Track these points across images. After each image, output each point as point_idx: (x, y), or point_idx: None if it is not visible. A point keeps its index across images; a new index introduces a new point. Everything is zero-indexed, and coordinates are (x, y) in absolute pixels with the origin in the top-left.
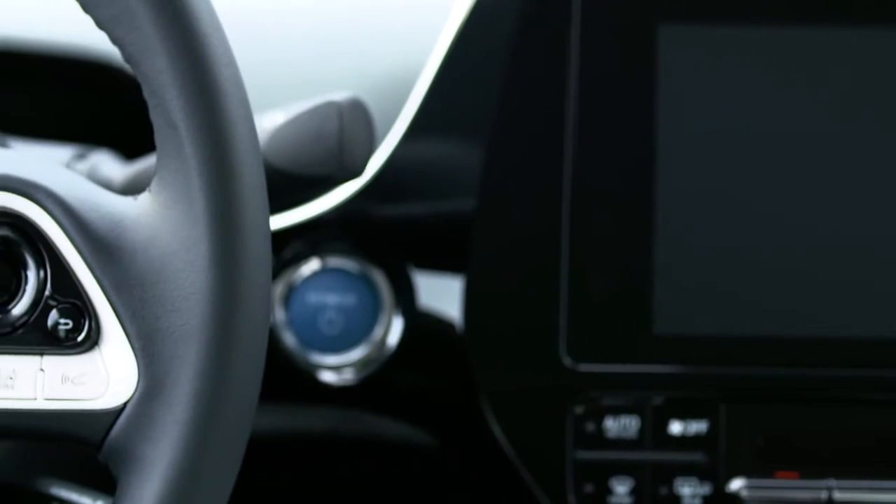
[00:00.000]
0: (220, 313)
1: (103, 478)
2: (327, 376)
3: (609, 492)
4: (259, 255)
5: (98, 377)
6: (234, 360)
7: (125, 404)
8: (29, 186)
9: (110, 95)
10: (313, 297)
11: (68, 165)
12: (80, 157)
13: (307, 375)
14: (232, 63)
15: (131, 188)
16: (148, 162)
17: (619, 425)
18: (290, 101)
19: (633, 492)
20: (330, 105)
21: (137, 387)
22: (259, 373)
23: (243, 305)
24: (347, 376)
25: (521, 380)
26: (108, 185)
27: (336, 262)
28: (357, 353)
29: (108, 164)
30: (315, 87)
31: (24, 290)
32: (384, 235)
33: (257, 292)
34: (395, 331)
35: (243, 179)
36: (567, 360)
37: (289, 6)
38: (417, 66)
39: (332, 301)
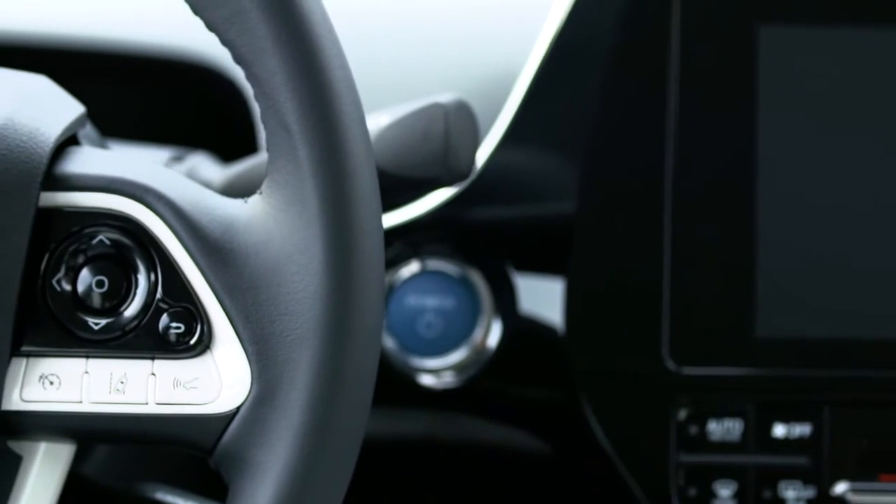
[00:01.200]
0: (335, 316)
1: (203, 481)
2: (426, 380)
3: (713, 495)
4: (373, 258)
5: (210, 381)
6: (349, 364)
7: (238, 409)
8: (139, 189)
9: (200, 97)
10: (412, 300)
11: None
12: (178, 159)
13: (406, 379)
14: (344, 65)
15: (231, 191)
16: (247, 164)
17: (723, 428)
18: (386, 103)
19: (737, 495)
20: (436, 107)
21: (251, 391)
22: (372, 376)
23: (358, 308)
24: (447, 379)
25: (623, 383)
26: (206, 188)
27: (435, 264)
28: (456, 357)
29: (207, 167)
30: (413, 88)
31: (135, 294)
32: (483, 238)
33: (371, 295)
34: (494, 334)
35: (357, 181)
36: (670, 364)
37: (384, 6)
38: (515, 68)
39: (430, 304)
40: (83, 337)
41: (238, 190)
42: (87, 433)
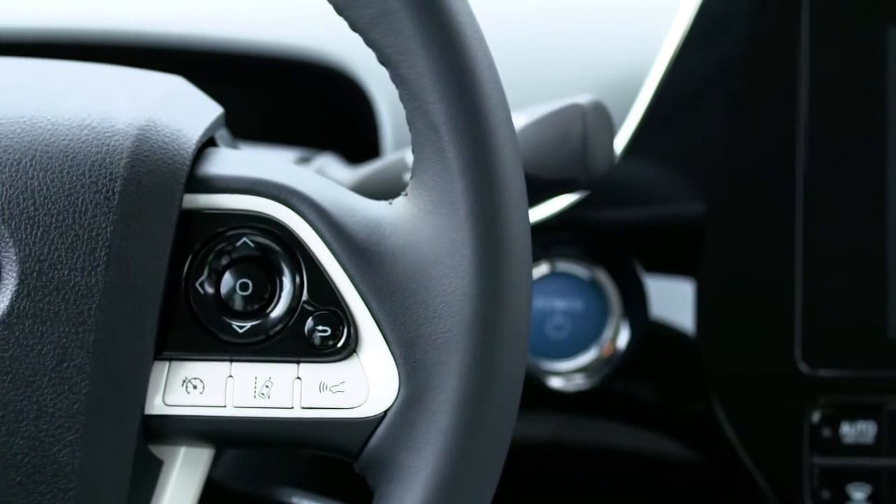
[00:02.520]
0: (484, 319)
1: (329, 482)
2: (555, 382)
3: (846, 498)
4: (522, 261)
5: (357, 385)
6: (498, 367)
7: (386, 412)
8: (283, 191)
9: (323, 97)
10: (541, 302)
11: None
12: (305, 160)
13: (534, 381)
14: (492, 64)
15: (360, 193)
16: (376, 166)
17: (856, 431)
18: (513, 103)
19: (871, 497)
20: (574, 108)
21: (398, 394)
22: (520, 380)
23: (507, 311)
24: (576, 382)
25: (755, 385)
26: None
27: (564, 266)
28: (585, 359)
29: (335, 168)
30: (539, 88)
31: (280, 297)
32: (612, 239)
33: (520, 298)
34: (623, 336)
35: (506, 183)
36: (803, 366)
37: (509, 7)
38: (642, 68)
39: (559, 306)
40: (227, 340)
41: (368, 192)
42: (231, 438)
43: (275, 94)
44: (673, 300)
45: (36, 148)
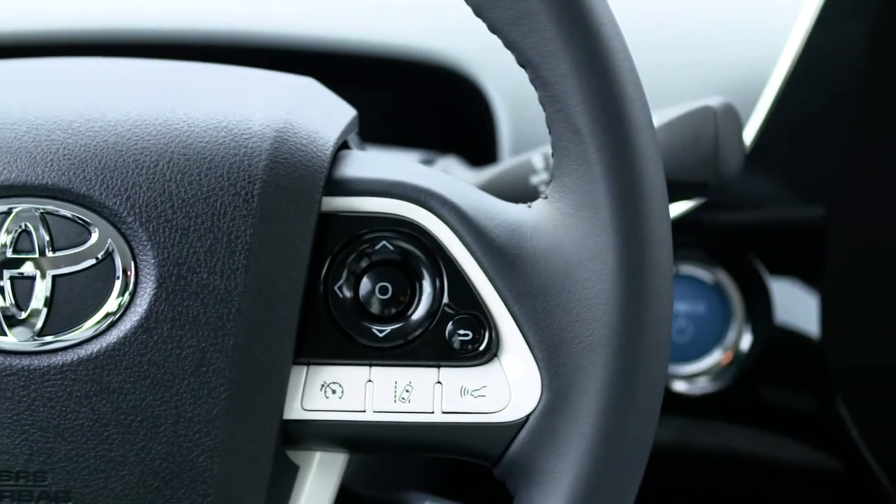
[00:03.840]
0: (628, 323)
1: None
2: (679, 386)
3: None
4: (664, 265)
5: (499, 389)
6: (641, 371)
7: (528, 417)
8: (423, 194)
9: (440, 99)
10: None
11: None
12: (428, 162)
13: None
14: (633, 67)
15: None
16: (501, 168)
17: None
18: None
19: None
20: (706, 110)
21: (541, 399)
22: (662, 384)
23: (650, 315)
24: (701, 385)
25: (880, 385)
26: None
27: (687, 269)
28: (708, 362)
29: (458, 171)
30: (663, 89)
31: (420, 301)
32: (735, 242)
33: (663, 302)
34: (746, 339)
35: (649, 186)
36: None
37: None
38: (766, 67)
39: (682, 309)
40: (366, 345)
41: (493, 194)
42: (370, 443)
43: (389, 95)
44: (798, 302)
45: (173, 150)
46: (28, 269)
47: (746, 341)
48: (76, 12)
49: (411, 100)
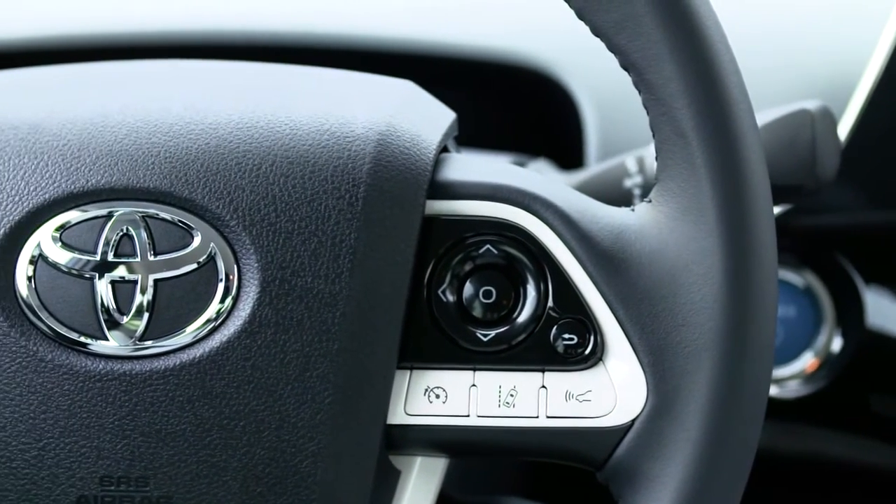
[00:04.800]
0: (734, 328)
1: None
2: (770, 389)
3: None
4: (769, 269)
5: (604, 394)
6: (747, 376)
7: (633, 421)
8: (526, 197)
9: (526, 100)
10: None
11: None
12: (520, 165)
13: None
14: (738, 70)
15: None
16: (593, 171)
17: None
18: None
19: None
20: (803, 113)
21: (646, 403)
22: (767, 388)
23: (756, 320)
24: (791, 388)
25: None
26: None
27: (778, 272)
28: (798, 366)
29: (550, 174)
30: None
31: (524, 305)
32: (826, 246)
33: (768, 306)
34: (837, 343)
35: (755, 190)
36: None
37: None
38: (856, 70)
39: None
40: (470, 349)
41: None
42: (473, 448)
43: (473, 97)
44: (888, 306)
45: (276, 153)
46: (129, 272)
47: (837, 345)
48: (158, 13)
49: (495, 102)
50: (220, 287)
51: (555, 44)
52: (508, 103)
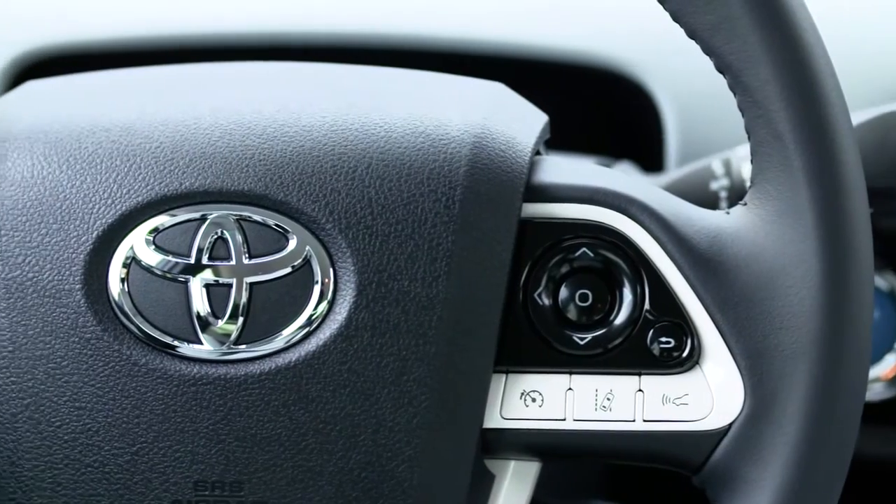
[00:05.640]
0: (832, 331)
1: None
2: None
3: None
4: (866, 272)
5: (701, 397)
6: (844, 379)
7: (730, 425)
8: (623, 200)
9: (604, 102)
10: None
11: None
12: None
13: None
14: (833, 72)
15: None
16: (679, 174)
17: None
18: None
19: None
20: (893, 115)
21: (744, 406)
22: (864, 393)
23: (853, 323)
24: (875, 391)
25: None
26: None
27: None
28: (881, 369)
29: (636, 177)
30: None
31: (620, 308)
32: None
33: (865, 309)
34: None
35: (852, 193)
36: None
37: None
38: None
39: None
40: (566, 352)
41: None
42: (569, 452)
43: (551, 99)
44: None
45: (371, 156)
46: (224, 276)
47: None
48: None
49: (572, 104)
50: (316, 290)
51: (635, 46)
52: (586, 105)
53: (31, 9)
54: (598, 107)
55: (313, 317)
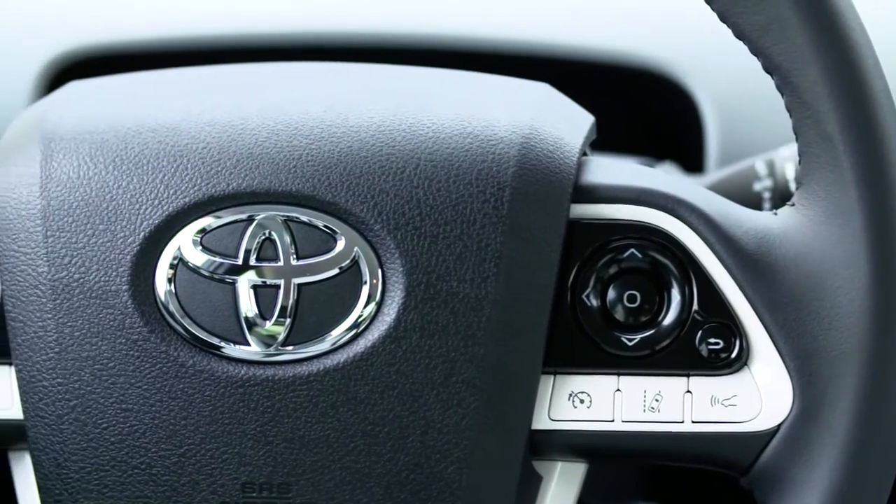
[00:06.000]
0: (882, 332)
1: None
2: None
3: None
4: None
5: (749, 398)
6: (894, 381)
7: (779, 426)
8: (671, 201)
9: (644, 103)
10: None
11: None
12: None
13: None
14: (882, 74)
15: None
16: (722, 174)
17: None
18: None
19: None
20: None
21: (792, 407)
22: None
23: None
24: None
25: None
26: None
27: None
28: None
29: (681, 178)
30: None
31: (668, 309)
32: None
33: None
34: None
35: None
36: None
37: None
38: None
39: None
40: (614, 353)
41: None
42: (617, 453)
43: (590, 99)
44: None
45: (419, 156)
46: (272, 277)
47: None
48: (272, 15)
49: (612, 104)
50: (364, 292)
51: (675, 46)
52: (625, 105)
53: (66, 10)
54: (636, 107)
55: (361, 318)
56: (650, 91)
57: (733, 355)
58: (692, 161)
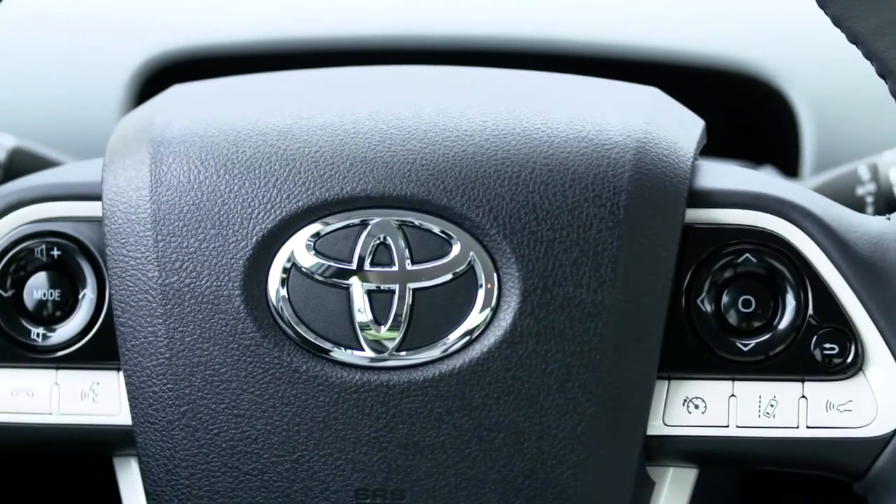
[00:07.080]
0: None
1: None
2: None
3: None
4: None
5: (865, 403)
6: None
7: (895, 431)
8: (785, 206)
9: (737, 106)
10: None
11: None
12: None
13: None
14: None
15: None
16: (824, 179)
17: None
18: None
19: None
20: None
21: None
22: None
23: None
24: None
25: None
26: None
27: None
28: None
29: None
30: None
31: (783, 314)
32: None
33: None
34: None
35: None
36: None
37: None
38: None
39: None
40: (729, 359)
41: None
42: (731, 458)
43: (686, 102)
44: None
45: (534, 161)
46: (387, 282)
47: None
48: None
49: (708, 108)
50: (480, 296)
51: (772, 49)
52: (720, 109)
53: (155, 13)
54: (731, 111)
55: (476, 323)
56: (745, 95)
57: (848, 360)
58: (787, 166)
